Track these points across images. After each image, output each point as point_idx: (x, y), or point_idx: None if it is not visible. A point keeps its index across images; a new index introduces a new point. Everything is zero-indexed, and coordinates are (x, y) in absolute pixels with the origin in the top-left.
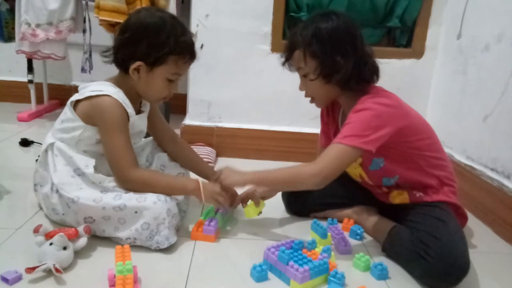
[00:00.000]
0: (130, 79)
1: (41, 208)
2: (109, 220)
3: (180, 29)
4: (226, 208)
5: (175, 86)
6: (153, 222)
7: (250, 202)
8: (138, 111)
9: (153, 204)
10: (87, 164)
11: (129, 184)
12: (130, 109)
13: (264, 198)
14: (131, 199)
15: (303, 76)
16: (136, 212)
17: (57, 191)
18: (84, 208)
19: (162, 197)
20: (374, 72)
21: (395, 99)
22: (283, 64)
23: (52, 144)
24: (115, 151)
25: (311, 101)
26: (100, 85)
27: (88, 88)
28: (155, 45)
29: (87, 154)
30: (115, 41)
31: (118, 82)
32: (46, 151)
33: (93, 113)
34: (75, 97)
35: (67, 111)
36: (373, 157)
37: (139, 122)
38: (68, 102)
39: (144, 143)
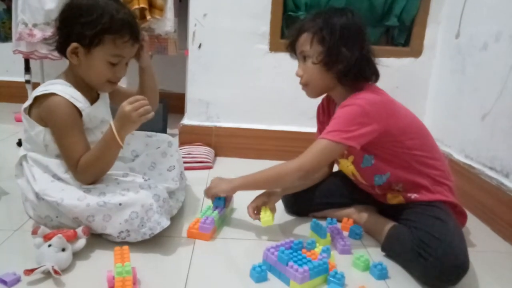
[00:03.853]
0: (75, 66)
1: (37, 222)
2: (93, 221)
3: (115, 7)
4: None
5: (121, 70)
6: (141, 210)
7: (262, 210)
8: (96, 100)
9: (136, 194)
10: (65, 170)
11: (81, 178)
12: (81, 103)
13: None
14: (114, 193)
15: (303, 60)
16: (120, 205)
17: (42, 198)
18: (69, 208)
19: (145, 185)
20: (374, 72)
21: (385, 97)
22: (288, 46)
23: (25, 156)
24: (63, 151)
25: (304, 88)
26: (48, 84)
27: (36, 90)
28: (87, 24)
29: (60, 158)
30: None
31: (67, 74)
32: (20, 164)
33: (43, 114)
34: (27, 103)
35: (24, 120)
36: (364, 154)
37: (96, 112)
38: (22, 110)
39: (128, 138)
